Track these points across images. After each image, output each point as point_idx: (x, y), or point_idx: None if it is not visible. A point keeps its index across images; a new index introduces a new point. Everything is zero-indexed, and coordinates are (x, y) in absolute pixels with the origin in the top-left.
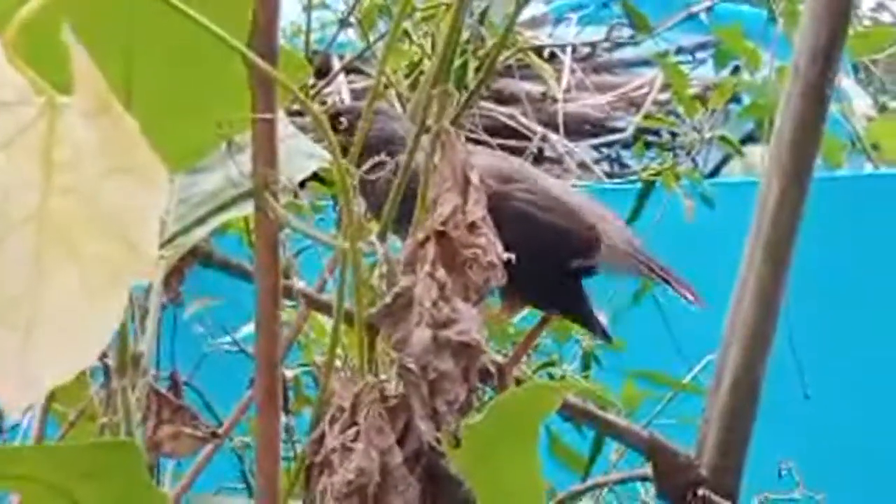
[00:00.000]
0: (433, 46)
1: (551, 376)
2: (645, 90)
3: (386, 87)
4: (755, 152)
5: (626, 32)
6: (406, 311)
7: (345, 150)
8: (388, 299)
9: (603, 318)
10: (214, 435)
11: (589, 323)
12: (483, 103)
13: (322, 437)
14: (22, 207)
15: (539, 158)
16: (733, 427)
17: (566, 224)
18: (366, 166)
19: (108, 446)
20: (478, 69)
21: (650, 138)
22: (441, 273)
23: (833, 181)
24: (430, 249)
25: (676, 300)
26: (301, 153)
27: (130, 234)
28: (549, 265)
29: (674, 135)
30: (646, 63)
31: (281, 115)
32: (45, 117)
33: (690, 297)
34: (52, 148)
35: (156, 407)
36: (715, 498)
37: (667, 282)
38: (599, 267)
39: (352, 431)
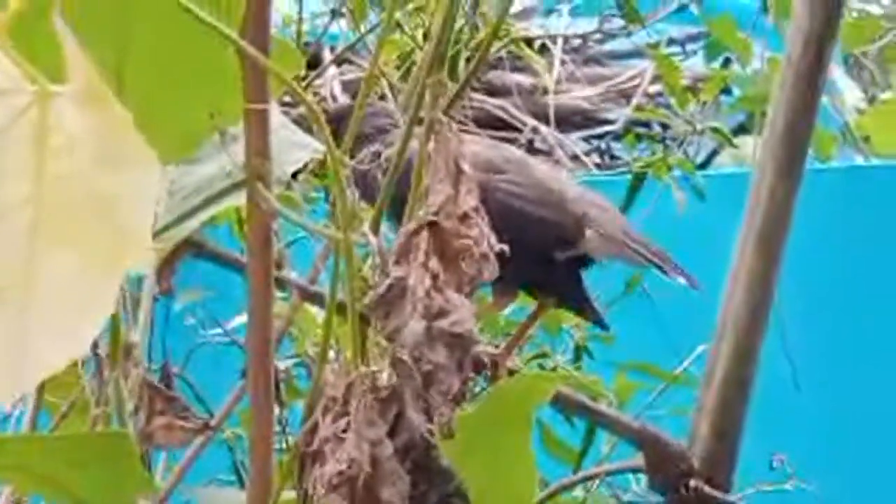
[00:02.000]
0: (425, 37)
1: (543, 368)
2: (636, 82)
3: (377, 77)
4: (746, 143)
5: (617, 24)
6: (399, 302)
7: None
8: (381, 289)
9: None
10: (206, 426)
11: (584, 310)
12: (474, 95)
13: (315, 427)
14: (16, 193)
15: (530, 150)
16: (726, 418)
17: (550, 215)
18: (359, 157)
19: (101, 436)
20: (468, 60)
21: (641, 130)
22: (434, 263)
23: (823, 173)
24: (423, 240)
25: (666, 292)
26: (294, 144)
27: (124, 220)
28: (536, 256)
29: (664, 127)
30: (636, 55)
31: (274, 105)
32: (37, 105)
33: (685, 281)
34: (46, 135)
35: (148, 398)
36: (707, 489)
37: (660, 268)
38: (593, 256)
39: (344, 422)
